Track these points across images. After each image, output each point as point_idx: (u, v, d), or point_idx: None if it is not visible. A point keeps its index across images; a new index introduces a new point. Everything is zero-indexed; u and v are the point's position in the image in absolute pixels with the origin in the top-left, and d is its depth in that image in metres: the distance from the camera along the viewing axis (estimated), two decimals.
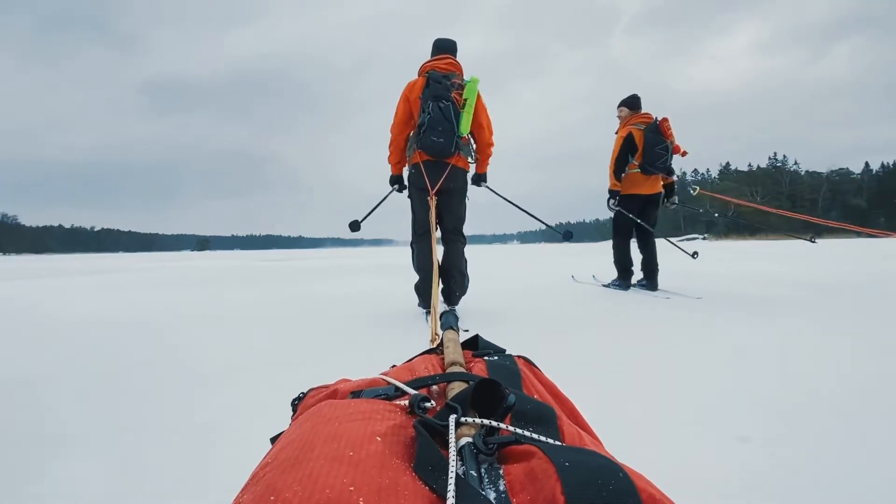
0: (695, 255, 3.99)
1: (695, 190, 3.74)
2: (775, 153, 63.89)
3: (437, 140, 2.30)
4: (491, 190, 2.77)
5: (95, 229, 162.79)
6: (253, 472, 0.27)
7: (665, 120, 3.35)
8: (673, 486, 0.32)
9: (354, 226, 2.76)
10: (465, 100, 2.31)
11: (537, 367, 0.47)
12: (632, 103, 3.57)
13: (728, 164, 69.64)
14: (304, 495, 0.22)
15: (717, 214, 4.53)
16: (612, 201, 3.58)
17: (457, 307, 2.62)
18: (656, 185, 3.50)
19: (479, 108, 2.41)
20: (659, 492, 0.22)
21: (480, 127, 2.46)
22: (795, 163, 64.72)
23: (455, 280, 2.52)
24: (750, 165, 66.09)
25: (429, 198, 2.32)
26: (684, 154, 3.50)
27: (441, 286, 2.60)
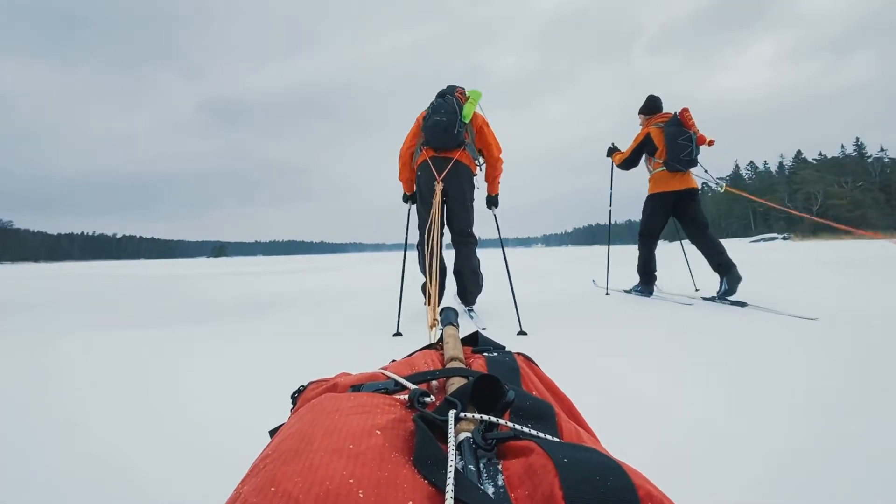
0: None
1: (721, 187, 3.20)
2: (857, 138, 53.95)
3: (440, 119, 2.31)
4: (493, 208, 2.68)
5: (117, 237, 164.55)
6: (253, 463, 0.27)
7: (685, 110, 3.04)
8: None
9: None
10: (468, 97, 2.40)
11: (536, 364, 0.47)
12: (647, 108, 3.34)
13: (799, 151, 60.78)
14: (305, 486, 0.22)
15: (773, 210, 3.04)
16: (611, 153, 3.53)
17: (474, 307, 2.61)
18: (689, 180, 3.11)
19: (485, 129, 2.50)
20: (656, 489, 0.22)
21: (488, 145, 2.53)
22: (882, 149, 53.26)
23: (469, 279, 2.51)
24: (821, 154, 57.28)
25: (435, 182, 2.33)
26: (711, 143, 3.08)
27: (456, 288, 2.61)
